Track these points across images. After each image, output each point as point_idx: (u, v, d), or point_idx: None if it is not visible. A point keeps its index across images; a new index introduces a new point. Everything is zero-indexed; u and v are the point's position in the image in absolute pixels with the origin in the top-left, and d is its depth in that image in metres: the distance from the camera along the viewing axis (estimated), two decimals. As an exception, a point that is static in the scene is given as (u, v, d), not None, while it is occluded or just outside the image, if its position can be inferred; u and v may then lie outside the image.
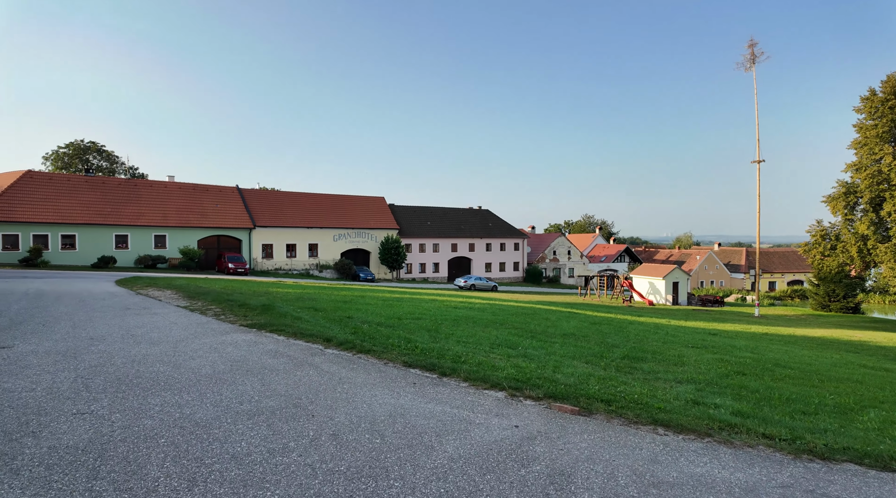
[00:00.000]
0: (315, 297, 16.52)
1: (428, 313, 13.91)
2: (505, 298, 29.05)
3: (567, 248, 59.62)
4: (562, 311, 20.89)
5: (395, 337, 8.86)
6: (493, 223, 56.89)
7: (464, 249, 52.84)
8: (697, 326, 20.58)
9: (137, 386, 5.39)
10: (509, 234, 56.03)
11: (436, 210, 55.06)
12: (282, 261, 41.72)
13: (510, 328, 12.14)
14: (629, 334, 13.23)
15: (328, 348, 7.63)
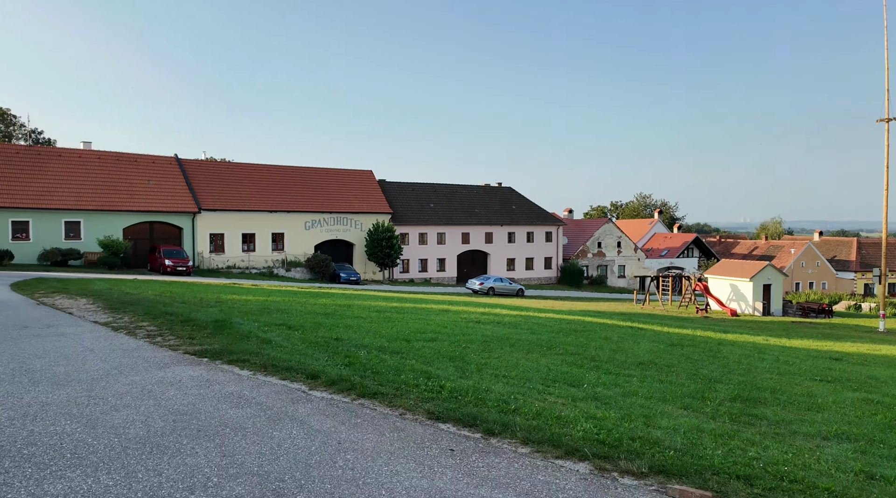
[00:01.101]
0: (286, 307, 16.35)
1: (443, 332, 13.37)
2: (539, 308, 28.61)
3: (616, 238, 58.94)
4: (622, 326, 20.33)
5: (408, 370, 8.24)
6: (518, 205, 56.31)
7: (478, 239, 52.36)
8: (809, 347, 20.01)
9: (28, 462, 4.63)
10: (539, 219, 55.45)
11: (441, 188, 54.54)
12: (237, 256, 41.34)
13: (561, 354, 11.52)
14: (727, 361, 12.58)
15: (315, 389, 6.96)
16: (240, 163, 46.88)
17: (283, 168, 47.42)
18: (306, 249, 44.04)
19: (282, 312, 14.82)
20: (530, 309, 25.70)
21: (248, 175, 44.79)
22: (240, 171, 44.90)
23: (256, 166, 46.32)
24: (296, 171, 47.58)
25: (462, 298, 33.67)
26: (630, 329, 19.31)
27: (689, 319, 32.63)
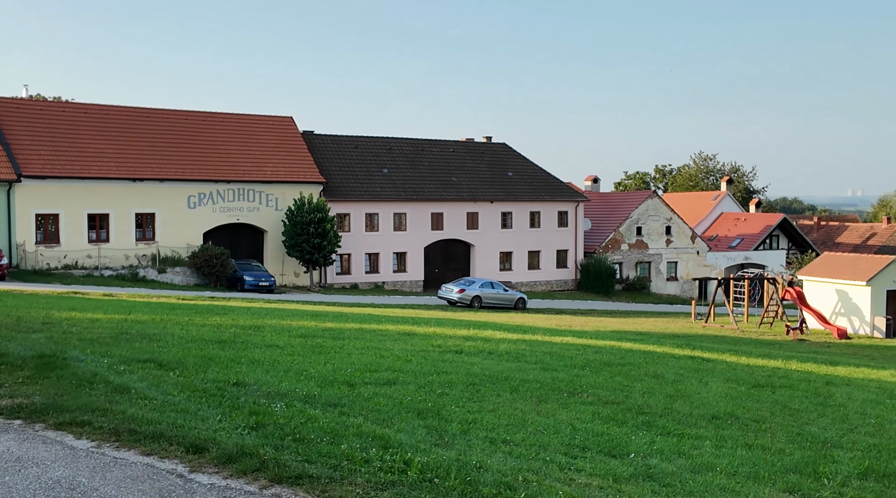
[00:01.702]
0: (156, 332, 15.99)
1: (407, 369, 13.15)
2: (551, 328, 28.61)
3: (665, 220, 59.44)
4: (678, 356, 20.37)
5: (352, 434, 7.98)
6: (518, 171, 56.34)
7: (457, 223, 52.22)
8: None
9: None
10: (549, 193, 55.55)
11: (400, 145, 54.32)
12: (80, 249, 40.53)
13: (592, 403, 11.38)
14: (844, 412, 12.58)
15: (200, 472, 6.60)
16: (85, 104, 45.70)
17: (155, 113, 46.58)
18: (191, 239, 43.36)
19: (149, 340, 14.41)
20: (538, 330, 25.62)
21: (99, 124, 43.76)
22: (85, 118, 43.83)
23: (112, 109, 45.31)
24: (174, 117, 46.73)
25: (434, 314, 33.51)
26: (691, 361, 19.35)
27: (776, 343, 33.00)
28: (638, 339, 26.39)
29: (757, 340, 33.78)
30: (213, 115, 48.43)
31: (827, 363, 23.51)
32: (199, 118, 47.60)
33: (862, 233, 75.06)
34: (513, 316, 36.97)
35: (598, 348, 19.94)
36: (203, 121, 47.51)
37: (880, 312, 39.02)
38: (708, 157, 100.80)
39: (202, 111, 48.44)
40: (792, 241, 68.40)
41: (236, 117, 49.08)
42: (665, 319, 41.58)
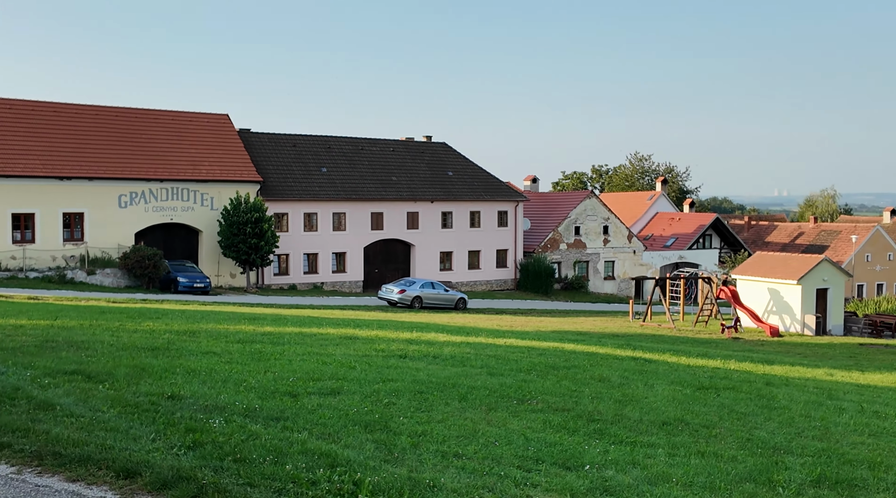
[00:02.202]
0: (84, 339, 15.32)
1: (351, 376, 12.74)
2: (494, 329, 28.42)
3: (602, 220, 59.99)
4: (621, 357, 20.35)
5: (296, 452, 7.60)
6: (458, 171, 56.17)
7: (397, 223, 51.81)
8: (894, 384, 20.66)
9: None
10: (489, 192, 55.53)
11: (339, 144, 53.64)
12: (3, 250, 38.99)
13: (542, 411, 11.14)
14: (789, 415, 12.58)
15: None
16: (10, 100, 43.88)
17: (85, 109, 45.11)
18: (121, 240, 42.06)
19: (76, 349, 13.78)
20: (481, 331, 25.40)
21: (25, 120, 42.12)
22: (10, 114, 42.11)
23: (39, 105, 43.63)
24: (105, 114, 45.30)
25: (375, 315, 33.06)
26: (634, 362, 19.33)
27: (712, 341, 33.44)
28: (579, 339, 26.37)
29: (694, 338, 34.16)
30: (145, 112, 47.04)
31: (763, 362, 23.81)
32: (130, 115, 46.19)
33: (790, 232, 77.01)
34: (454, 317, 36.71)
35: (543, 350, 19.78)
36: (135, 118, 46.12)
37: (810, 311, 39.92)
38: (643, 157, 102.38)
39: (134, 108, 47.06)
40: (724, 240, 69.77)
41: (170, 114, 47.74)
42: (604, 318, 41.85)
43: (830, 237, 71.15)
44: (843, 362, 27.38)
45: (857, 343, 35.43)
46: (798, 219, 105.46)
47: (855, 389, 18.23)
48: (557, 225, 58.05)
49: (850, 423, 12.20)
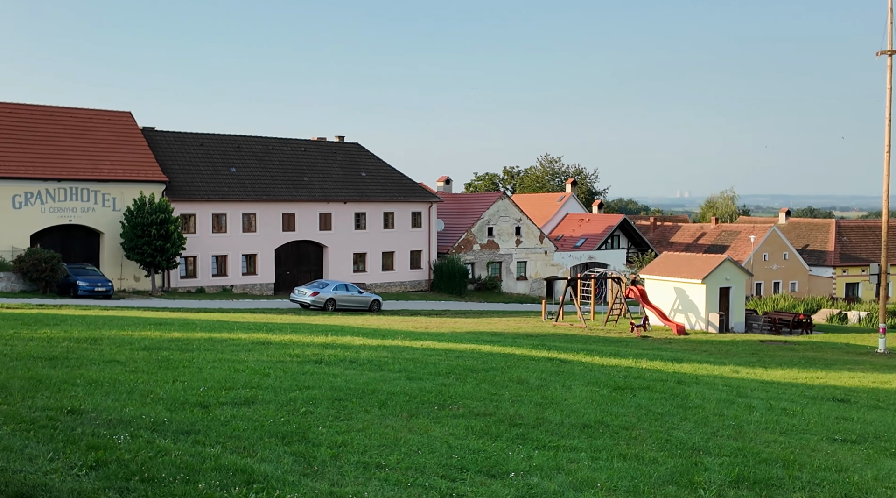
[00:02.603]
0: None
1: (265, 384, 12.32)
2: (409, 331, 28.19)
3: (514, 221, 60.52)
4: (537, 358, 20.43)
5: (209, 469, 7.24)
6: (371, 172, 55.72)
7: (309, 224, 51.01)
8: (797, 380, 21.46)
9: None
10: (403, 193, 55.29)
11: (248, 143, 52.49)
12: None
13: (463, 415, 10.95)
14: (703, 414, 12.77)
15: None
16: None
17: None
18: (16, 242, 40.09)
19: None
20: (397, 334, 25.13)
21: None
22: None
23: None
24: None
25: (288, 318, 32.36)
26: (550, 363, 19.42)
27: (622, 340, 34.05)
28: (495, 340, 26.40)
29: (605, 337, 34.72)
30: (42, 108, 44.94)
31: (673, 360, 24.32)
32: (25, 111, 44.05)
33: (693, 232, 79.41)
34: (368, 319, 36.31)
35: (460, 353, 19.66)
36: (30, 114, 44.02)
37: (714, 309, 41.12)
38: (554, 159, 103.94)
39: (29, 104, 44.91)
40: (631, 240, 71.39)
41: (69, 111, 45.75)
42: (517, 319, 42.16)
43: (731, 237, 73.68)
44: (746, 359, 28.26)
45: (758, 340, 36.68)
46: (700, 219, 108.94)
47: (761, 386, 18.77)
48: (471, 226, 58.26)
49: (762, 421, 12.47)
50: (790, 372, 23.91)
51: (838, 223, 78.45)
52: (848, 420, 13.50)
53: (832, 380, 22.39)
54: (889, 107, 34.19)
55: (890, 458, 10.49)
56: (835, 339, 39.09)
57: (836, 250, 72.44)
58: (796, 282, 70.83)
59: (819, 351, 33.07)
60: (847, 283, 72.16)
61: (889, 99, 34.14)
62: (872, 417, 14.42)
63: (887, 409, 16.43)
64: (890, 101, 34.17)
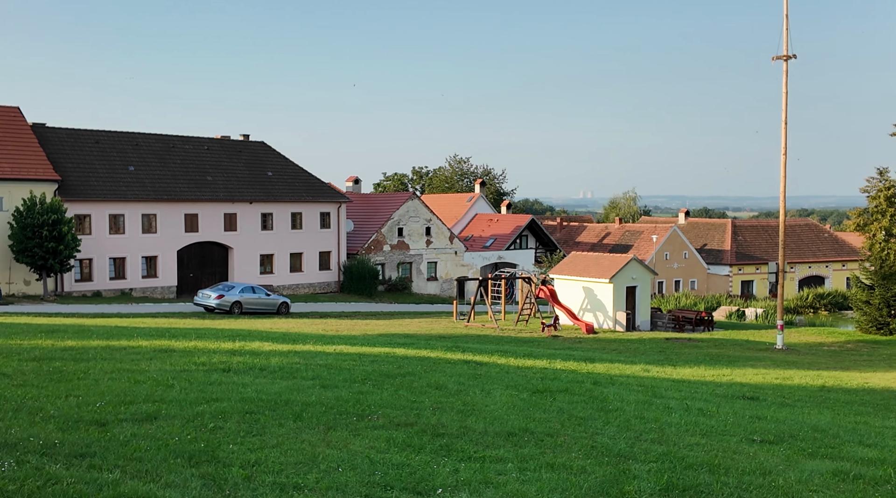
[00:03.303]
0: None
1: (169, 396, 11.61)
2: (320, 334, 27.48)
3: (425, 221, 60.20)
4: (452, 360, 20.11)
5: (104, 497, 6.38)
6: (278, 171, 54.43)
7: (213, 225, 49.42)
8: (705, 378, 21.81)
9: None
10: (311, 193, 54.23)
11: (147, 141, 50.50)
12: None
13: (384, 426, 10.42)
14: (624, 417, 12.64)
15: None
16: None
17: None
18: None
19: None
20: (308, 338, 24.40)
21: None
22: None
23: None
24: None
25: (191, 323, 31.12)
26: (466, 366, 19.11)
27: (534, 340, 34.15)
28: (409, 343, 25.98)
29: (517, 338, 34.75)
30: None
31: (585, 360, 24.42)
32: None
33: (598, 232, 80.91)
34: (276, 322, 35.32)
35: (375, 357, 19.13)
36: None
37: (621, 308, 41.78)
38: (462, 159, 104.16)
39: None
40: (539, 240, 72.14)
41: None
42: (429, 320, 41.82)
43: (634, 237, 75.38)
44: (655, 357, 28.71)
45: (663, 338, 37.38)
46: (604, 220, 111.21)
47: (673, 386, 18.94)
48: (381, 226, 57.63)
49: (682, 422, 12.40)
50: (698, 370, 24.36)
51: (734, 223, 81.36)
52: (762, 419, 13.62)
53: (738, 377, 22.89)
54: (785, 110, 35.41)
55: (808, 458, 10.52)
56: (735, 335, 40.28)
57: (732, 249, 75.05)
58: (696, 280, 73.00)
59: (722, 348, 33.96)
60: (742, 280, 74.85)
61: (785, 102, 35.35)
62: (783, 415, 14.62)
63: (794, 406, 16.77)
64: (786, 104, 35.38)
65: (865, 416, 16.00)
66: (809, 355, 32.79)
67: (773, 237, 77.83)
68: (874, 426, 14.28)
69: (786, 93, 35.03)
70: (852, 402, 18.75)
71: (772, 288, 74.38)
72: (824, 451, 11.03)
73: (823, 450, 11.08)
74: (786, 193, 35.74)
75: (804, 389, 20.92)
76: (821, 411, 15.96)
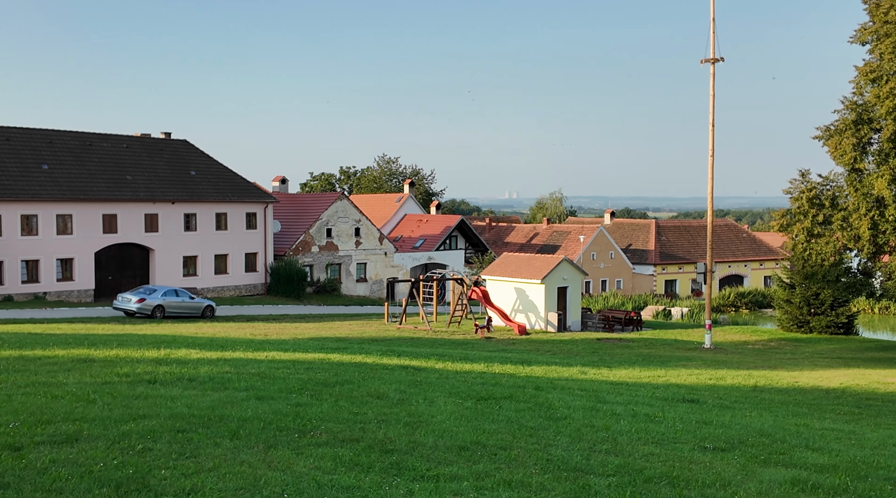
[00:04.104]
0: None
1: (90, 413, 10.83)
2: (249, 338, 26.51)
3: (354, 221, 59.35)
4: (390, 366, 19.56)
5: None
6: (201, 170, 52.79)
7: (133, 226, 47.60)
8: (642, 380, 21.80)
9: None
10: (236, 193, 52.78)
11: (62, 138, 48.37)
12: None
13: (328, 443, 9.78)
14: (574, 425, 12.30)
15: None
16: None
17: None
18: None
19: None
20: (237, 344, 23.48)
21: None
22: None
23: None
24: None
25: (112, 329, 29.71)
26: (404, 372, 18.56)
27: (468, 342, 33.83)
28: (342, 348, 25.28)
29: (450, 340, 34.36)
30: None
31: (522, 363, 24.16)
32: None
33: (527, 233, 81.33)
34: (202, 326, 34.09)
35: (309, 364, 18.40)
36: None
37: (553, 308, 41.86)
38: (391, 159, 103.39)
39: None
40: (469, 241, 72.04)
41: None
42: (360, 322, 41.10)
43: (562, 237, 76.02)
44: (589, 359, 28.69)
45: (595, 338, 37.55)
46: (531, 220, 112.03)
47: (613, 389, 18.79)
48: (309, 227, 56.53)
49: (632, 430, 12.10)
50: (633, 371, 24.35)
51: (657, 223, 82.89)
52: (708, 424, 13.45)
53: (673, 378, 22.96)
54: (712, 112, 35.95)
55: (763, 466, 10.33)
56: (664, 335, 40.78)
57: (656, 249, 76.41)
58: (622, 279, 74.03)
59: (652, 348, 34.27)
60: (666, 280, 76.31)
61: (712, 105, 35.89)
62: (726, 418, 14.52)
63: (734, 408, 16.78)
64: (713, 107, 35.91)
65: (803, 417, 16.10)
66: (737, 354, 33.33)
67: (694, 237, 79.58)
68: (815, 428, 14.33)
69: (713, 95, 35.56)
70: (787, 402, 18.95)
71: (693, 287, 76.02)
72: (776, 457, 10.87)
73: (775, 456, 10.92)
74: (713, 194, 36.31)
75: (738, 390, 21.09)
76: (760, 414, 15.98)
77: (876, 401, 20.46)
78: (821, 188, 34.60)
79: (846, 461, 10.92)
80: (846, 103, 32.34)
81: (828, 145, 32.46)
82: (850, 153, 31.44)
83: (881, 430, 15.32)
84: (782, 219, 36.16)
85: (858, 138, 31.42)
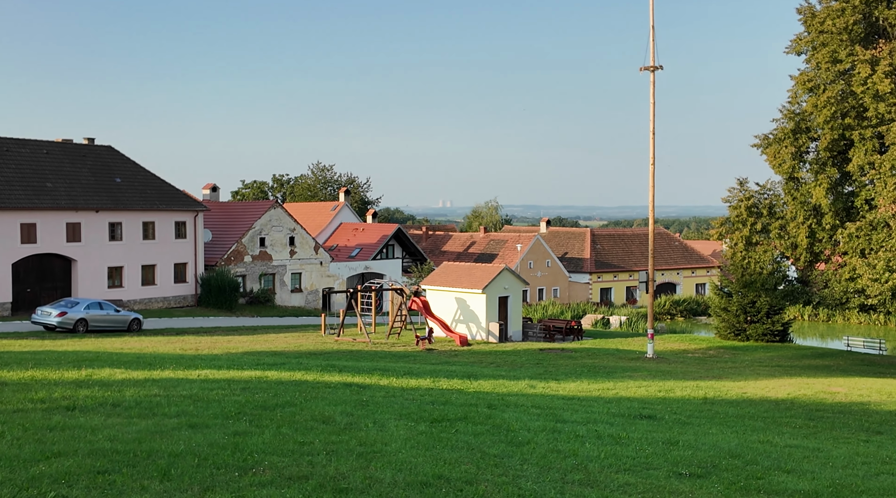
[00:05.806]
0: None
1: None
2: (179, 354, 24.98)
3: (288, 230, 57.75)
4: (332, 383, 18.45)
5: None
6: (127, 177, 50.58)
7: (54, 236, 45.21)
8: (591, 393, 21.20)
9: None
10: (165, 201, 50.70)
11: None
12: None
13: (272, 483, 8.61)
14: (538, 450, 11.45)
15: None
16: None
17: None
18: None
19: None
20: (166, 361, 21.95)
21: None
22: None
23: None
24: None
25: (29, 345, 27.82)
26: (348, 390, 17.47)
27: (409, 355, 32.83)
28: (279, 363, 24.00)
29: (391, 352, 33.31)
30: None
31: (468, 377, 23.32)
32: None
33: (464, 241, 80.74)
34: (128, 341, 32.27)
35: (245, 383, 17.13)
36: None
37: (494, 318, 41.17)
38: (325, 167, 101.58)
39: None
40: (406, 250, 70.97)
41: None
42: (296, 334, 39.67)
43: (499, 246, 75.64)
44: (534, 370, 28.00)
45: (537, 349, 36.94)
46: (467, 228, 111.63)
47: (567, 404, 18.06)
48: (241, 236, 54.71)
49: (601, 455, 11.28)
50: (582, 384, 23.71)
51: (593, 232, 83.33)
52: (674, 445, 12.76)
53: (622, 391, 22.39)
54: (653, 119, 35.76)
55: (743, 494, 9.64)
56: (605, 344, 40.45)
57: (591, 257, 76.68)
58: (558, 288, 74.01)
59: (595, 358, 33.81)
60: (602, 288, 76.63)
61: (653, 112, 35.72)
62: (690, 438, 13.88)
63: (692, 424, 16.24)
64: (654, 115, 35.75)
65: (763, 433, 15.63)
66: (679, 363, 33.11)
67: (628, 245, 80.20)
68: (780, 446, 13.81)
69: (653, 103, 35.40)
70: (741, 416, 18.51)
71: (629, 295, 76.48)
72: (755, 483, 10.19)
73: (753, 483, 10.23)
74: (654, 203, 36.11)
75: (690, 403, 20.62)
76: (721, 430, 15.44)
77: (826, 412, 20.25)
78: (759, 197, 34.75)
79: (826, 485, 10.32)
80: (784, 112, 32.52)
81: (766, 154, 32.59)
82: (788, 162, 31.58)
83: (842, 445, 14.92)
84: (721, 227, 36.23)
85: (797, 147, 31.58)
